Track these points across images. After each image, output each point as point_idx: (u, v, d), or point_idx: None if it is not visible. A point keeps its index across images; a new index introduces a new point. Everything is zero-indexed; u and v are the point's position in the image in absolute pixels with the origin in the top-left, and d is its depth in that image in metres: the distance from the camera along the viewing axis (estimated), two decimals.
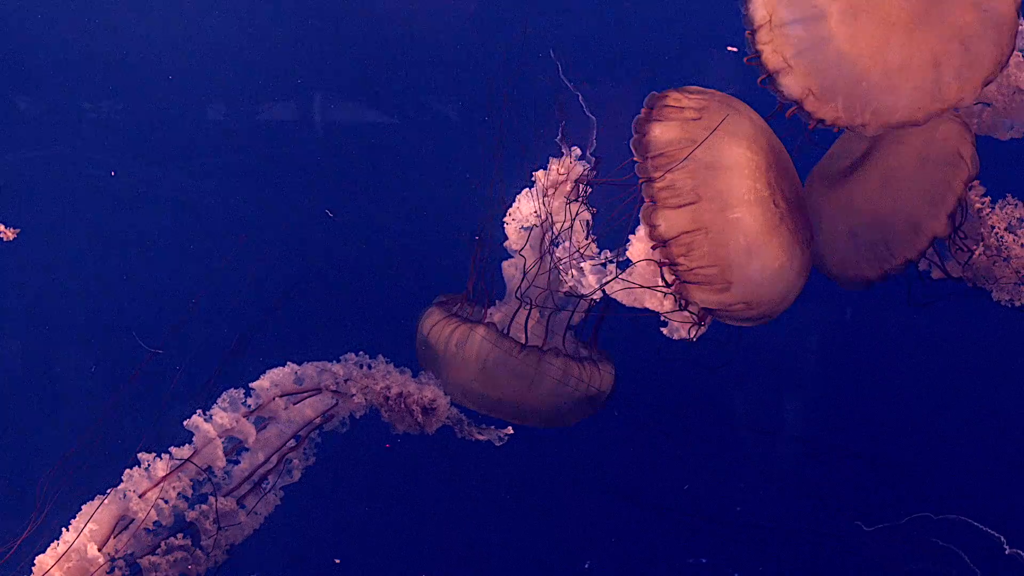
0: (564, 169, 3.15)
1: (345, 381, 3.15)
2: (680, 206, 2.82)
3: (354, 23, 4.24)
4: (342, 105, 4.34)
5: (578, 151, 3.22)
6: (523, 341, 3.18)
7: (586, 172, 3.19)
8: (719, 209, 2.84)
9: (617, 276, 2.98)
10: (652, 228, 2.86)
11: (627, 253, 2.97)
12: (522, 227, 3.23)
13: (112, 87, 4.25)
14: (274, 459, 3.11)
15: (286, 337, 4.28)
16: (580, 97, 3.24)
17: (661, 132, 2.84)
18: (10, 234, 3.34)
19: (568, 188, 3.16)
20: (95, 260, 4.31)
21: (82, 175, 4.27)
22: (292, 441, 3.13)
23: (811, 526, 4.40)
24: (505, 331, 3.19)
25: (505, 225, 3.27)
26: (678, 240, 2.84)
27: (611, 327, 3.33)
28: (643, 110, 2.92)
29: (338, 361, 3.25)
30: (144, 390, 3.84)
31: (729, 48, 3.14)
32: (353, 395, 3.11)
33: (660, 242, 2.87)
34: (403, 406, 3.11)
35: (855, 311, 4.41)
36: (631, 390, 4.35)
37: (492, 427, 3.21)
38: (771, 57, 2.87)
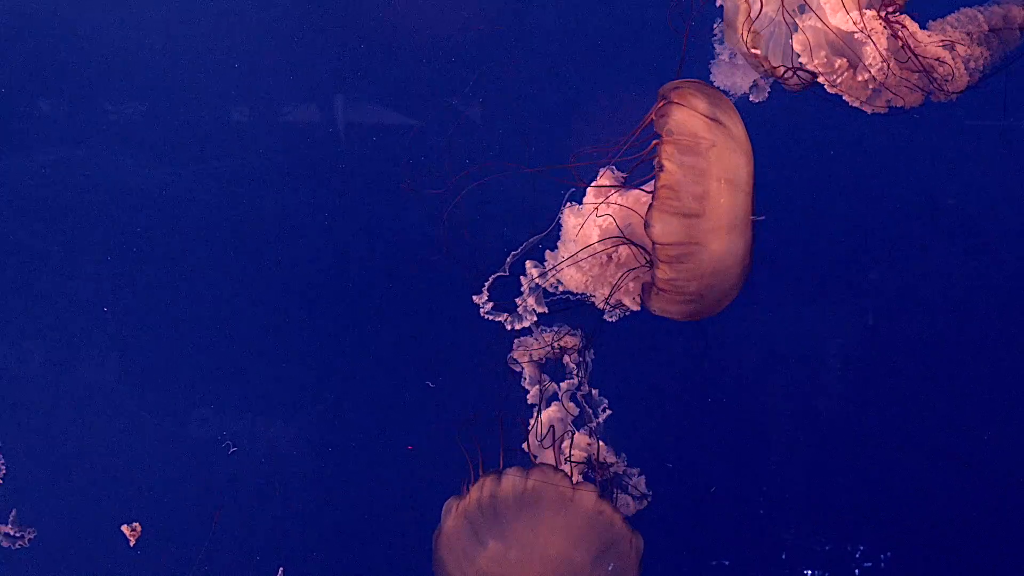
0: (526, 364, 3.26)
1: None
2: (683, 302, 2.94)
3: (375, 24, 4.24)
4: (364, 107, 4.34)
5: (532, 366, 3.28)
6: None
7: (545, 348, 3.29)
8: (716, 299, 3.01)
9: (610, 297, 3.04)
10: (654, 310, 2.93)
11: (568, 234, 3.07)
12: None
13: (134, 89, 4.26)
14: None
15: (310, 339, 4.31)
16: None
17: (662, 231, 2.81)
18: (137, 532, 3.43)
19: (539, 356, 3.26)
20: (116, 262, 4.31)
21: (104, 177, 4.28)
22: None
23: (835, 529, 4.39)
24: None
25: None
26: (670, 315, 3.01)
27: (629, 336, 3.34)
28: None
29: None
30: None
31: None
32: None
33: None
34: None
35: (876, 316, 4.40)
36: (655, 395, 4.35)
37: None
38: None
